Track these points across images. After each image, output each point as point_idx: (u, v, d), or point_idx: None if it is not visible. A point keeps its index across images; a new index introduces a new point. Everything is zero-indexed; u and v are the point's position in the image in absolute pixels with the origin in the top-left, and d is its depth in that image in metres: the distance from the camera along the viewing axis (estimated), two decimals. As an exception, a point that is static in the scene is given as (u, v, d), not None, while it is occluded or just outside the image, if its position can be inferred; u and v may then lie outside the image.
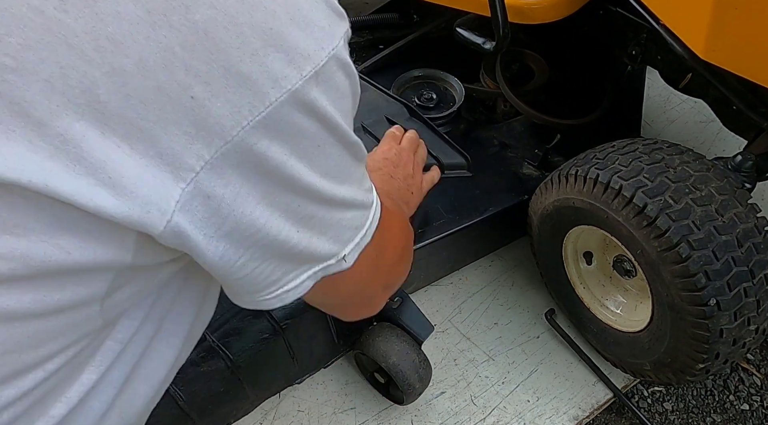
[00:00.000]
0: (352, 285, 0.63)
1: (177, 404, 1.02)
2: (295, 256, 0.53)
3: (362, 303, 0.72)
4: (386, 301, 0.79)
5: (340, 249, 0.56)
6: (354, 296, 0.67)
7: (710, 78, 1.14)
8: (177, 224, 0.45)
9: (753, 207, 1.02)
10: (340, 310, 0.74)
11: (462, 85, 1.46)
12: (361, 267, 0.59)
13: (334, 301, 0.68)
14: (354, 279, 0.61)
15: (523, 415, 1.24)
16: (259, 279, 0.54)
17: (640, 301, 1.20)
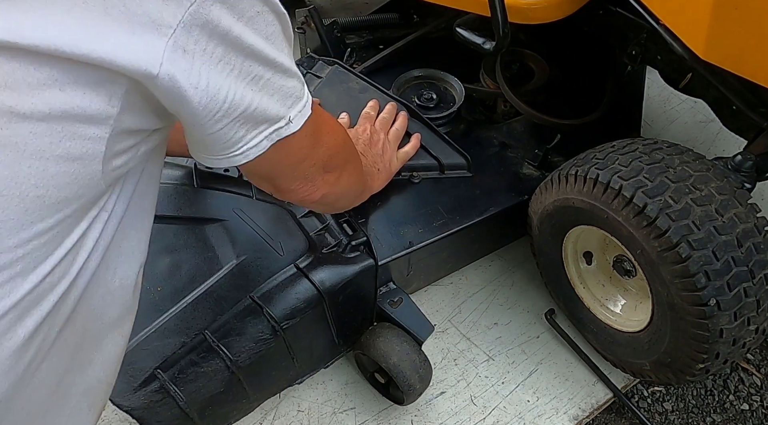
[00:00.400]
0: (296, 152, 0.76)
1: (177, 404, 1.02)
2: (253, 116, 0.65)
3: (304, 178, 0.83)
4: (327, 187, 0.88)
5: (286, 112, 0.69)
6: (297, 166, 0.79)
7: (710, 78, 1.14)
8: (168, 71, 0.56)
9: (753, 207, 1.02)
10: (285, 183, 0.83)
11: (462, 85, 1.46)
12: (303, 139, 0.73)
13: (282, 171, 0.79)
14: (298, 146, 0.75)
15: (523, 415, 1.24)
16: (228, 137, 0.66)
17: (640, 301, 1.20)
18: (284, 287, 1.10)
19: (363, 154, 1.18)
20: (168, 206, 1.19)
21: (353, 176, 0.99)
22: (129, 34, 0.53)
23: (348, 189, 0.98)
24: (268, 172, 0.78)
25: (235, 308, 1.08)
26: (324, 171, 0.86)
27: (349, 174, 0.96)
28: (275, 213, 1.20)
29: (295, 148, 0.74)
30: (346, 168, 0.93)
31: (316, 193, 0.87)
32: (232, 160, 0.70)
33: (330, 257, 1.14)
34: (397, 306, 1.21)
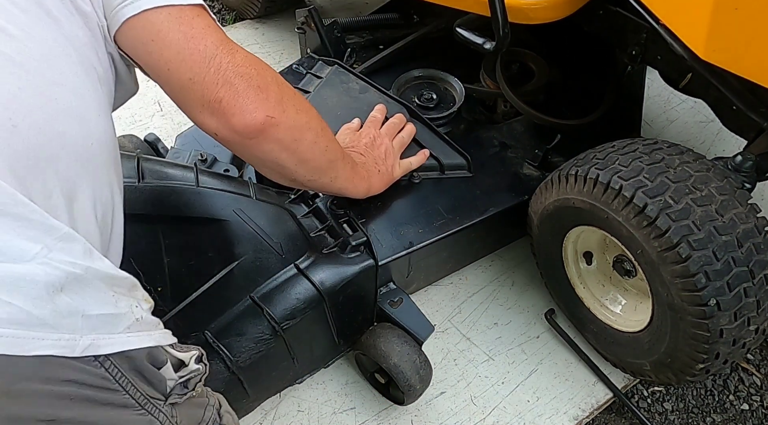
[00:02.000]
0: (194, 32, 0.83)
1: (177, 404, 1.02)
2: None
3: (226, 80, 0.84)
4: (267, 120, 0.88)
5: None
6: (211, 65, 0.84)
7: (710, 78, 1.14)
8: None
9: (753, 207, 1.02)
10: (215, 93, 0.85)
11: (462, 85, 1.46)
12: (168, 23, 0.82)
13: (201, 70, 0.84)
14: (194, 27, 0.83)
15: (523, 415, 1.24)
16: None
17: (640, 301, 1.20)
18: (284, 287, 1.10)
19: (363, 155, 1.18)
20: (168, 206, 1.19)
21: (303, 111, 0.96)
22: None
23: (301, 124, 0.95)
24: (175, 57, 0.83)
25: (236, 308, 1.08)
26: (255, 86, 0.87)
27: (296, 106, 0.94)
28: (275, 214, 1.20)
29: (197, 36, 0.82)
30: (286, 96, 0.92)
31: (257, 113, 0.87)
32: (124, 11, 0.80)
33: (330, 257, 1.14)
34: (397, 306, 1.21)
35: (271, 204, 1.20)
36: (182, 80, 0.84)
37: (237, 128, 0.87)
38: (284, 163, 0.97)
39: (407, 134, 1.31)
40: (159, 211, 1.17)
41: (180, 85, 0.85)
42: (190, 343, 1.04)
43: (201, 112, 0.87)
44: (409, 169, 1.29)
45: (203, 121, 0.88)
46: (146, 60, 0.85)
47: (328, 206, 1.21)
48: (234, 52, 0.86)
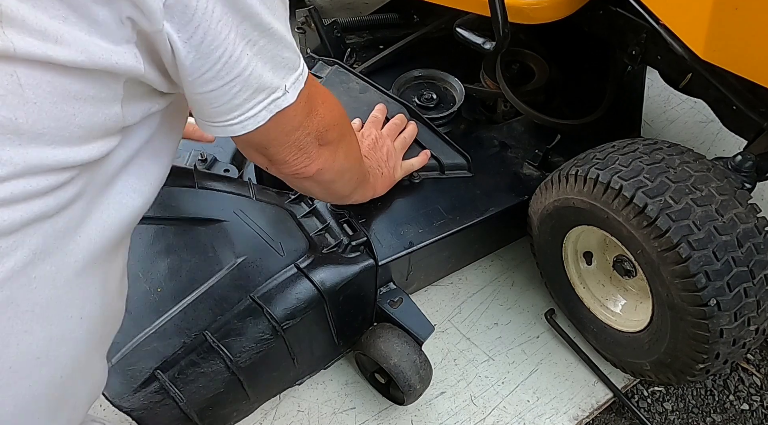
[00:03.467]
0: (291, 119, 0.76)
1: (177, 405, 1.02)
2: (248, 82, 0.66)
3: (298, 148, 0.82)
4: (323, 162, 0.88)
5: (281, 82, 0.70)
6: (291, 134, 0.79)
7: (710, 78, 1.14)
8: (166, 28, 0.58)
9: (753, 207, 1.02)
10: (279, 154, 0.82)
11: (462, 85, 1.46)
12: (298, 107, 0.74)
13: (276, 139, 0.79)
14: (293, 114, 0.75)
15: (523, 415, 1.24)
16: (223, 100, 0.67)
17: (640, 301, 1.20)
18: (284, 287, 1.10)
19: (366, 157, 1.17)
20: (168, 207, 1.19)
21: (350, 155, 0.97)
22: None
23: (344, 168, 0.96)
24: (262, 141, 0.78)
25: (236, 308, 1.08)
26: (319, 143, 0.85)
27: (346, 152, 0.94)
28: (275, 214, 1.20)
29: (290, 116, 0.74)
30: (342, 144, 0.92)
31: (311, 166, 0.86)
32: (229, 129, 0.70)
33: (330, 257, 1.14)
34: (397, 306, 1.21)
35: (271, 204, 1.21)
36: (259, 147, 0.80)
37: (285, 174, 0.88)
38: (314, 192, 1.02)
39: (409, 135, 1.31)
40: (159, 212, 1.17)
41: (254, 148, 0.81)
42: (190, 343, 1.04)
43: (257, 155, 0.83)
44: (411, 170, 1.29)
45: (252, 155, 0.85)
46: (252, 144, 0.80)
47: (328, 206, 1.21)
48: (314, 114, 0.81)
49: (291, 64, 0.71)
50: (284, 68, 0.70)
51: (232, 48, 0.62)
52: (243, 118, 0.69)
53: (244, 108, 0.68)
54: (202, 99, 0.67)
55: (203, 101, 0.67)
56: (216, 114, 0.69)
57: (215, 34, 0.60)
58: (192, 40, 0.60)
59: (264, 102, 0.69)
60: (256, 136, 0.72)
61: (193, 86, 0.64)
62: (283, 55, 0.69)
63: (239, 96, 0.67)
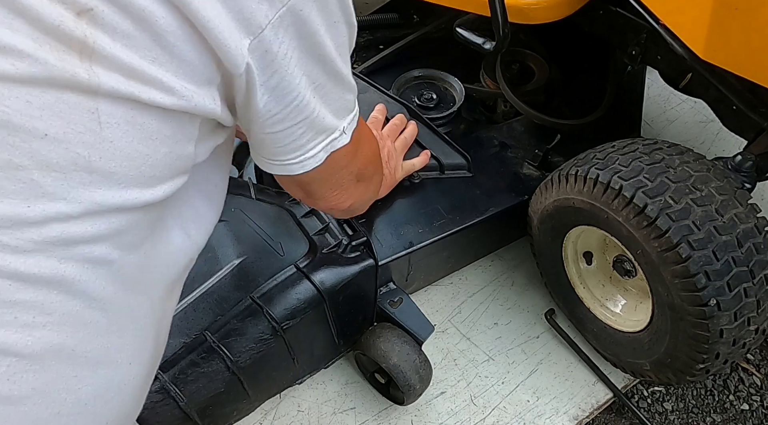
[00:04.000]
0: (342, 161, 0.76)
1: (177, 405, 1.02)
2: (314, 124, 0.67)
3: (339, 186, 0.83)
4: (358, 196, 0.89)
5: (340, 123, 0.70)
6: (336, 174, 0.80)
7: (710, 78, 1.14)
8: (247, 72, 0.57)
9: (753, 207, 1.02)
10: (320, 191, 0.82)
11: (462, 85, 1.46)
12: (348, 150, 0.74)
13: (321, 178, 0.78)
14: (344, 156, 0.75)
15: (523, 415, 1.24)
16: (288, 141, 0.67)
17: (640, 301, 1.20)
18: (284, 287, 1.10)
19: None
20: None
21: (378, 185, 1.00)
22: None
23: (371, 197, 0.99)
24: (309, 179, 0.77)
25: (236, 308, 1.08)
26: (357, 180, 0.86)
27: (376, 183, 0.97)
28: (275, 214, 1.20)
29: (341, 155, 0.74)
30: (374, 177, 0.94)
31: (346, 202, 0.87)
32: (289, 167, 0.71)
33: (330, 257, 1.14)
34: (397, 306, 1.21)
35: (271, 204, 1.21)
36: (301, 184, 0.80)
37: (320, 207, 0.90)
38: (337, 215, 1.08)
39: (409, 135, 1.31)
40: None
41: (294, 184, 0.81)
42: (191, 343, 1.04)
43: (295, 188, 0.83)
44: (412, 171, 1.28)
45: (291, 188, 0.84)
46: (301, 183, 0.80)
47: (328, 206, 1.21)
48: (360, 153, 0.81)
49: (349, 106, 0.72)
50: (344, 110, 0.71)
51: (304, 92, 0.63)
52: (303, 159, 0.70)
53: (305, 148, 0.69)
54: (267, 138, 0.67)
55: (267, 140, 0.67)
56: (278, 153, 0.69)
57: (291, 79, 0.61)
58: (269, 82, 0.60)
59: (323, 142, 0.70)
60: (308, 173, 0.72)
61: (261, 127, 0.65)
62: (345, 98, 0.70)
63: (303, 137, 0.67)
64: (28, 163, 0.51)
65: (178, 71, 0.54)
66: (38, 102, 0.50)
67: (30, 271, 0.52)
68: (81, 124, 0.51)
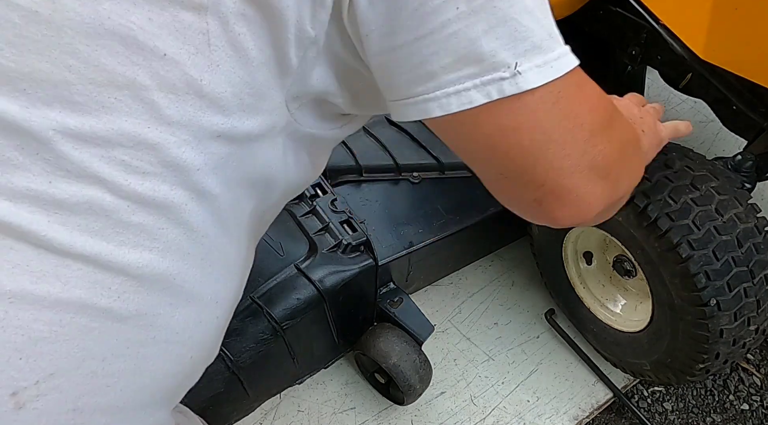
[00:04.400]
0: (534, 127, 0.53)
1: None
2: (455, 47, 0.49)
3: (551, 181, 0.56)
4: (605, 200, 0.60)
5: (512, 58, 0.50)
6: (536, 150, 0.54)
7: (710, 78, 1.14)
8: None
9: (753, 207, 1.02)
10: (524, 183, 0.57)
11: (462, 85, 1.46)
12: (549, 111, 0.53)
13: (516, 154, 0.55)
14: (537, 119, 0.53)
15: (522, 415, 1.24)
16: (412, 62, 0.51)
17: (640, 301, 1.20)
18: (284, 287, 1.10)
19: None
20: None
21: (633, 168, 0.68)
22: None
23: (624, 197, 0.67)
24: (486, 153, 0.57)
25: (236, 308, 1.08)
26: (589, 170, 0.58)
27: (629, 173, 0.67)
28: (275, 214, 1.20)
29: (529, 121, 0.53)
30: (622, 178, 0.64)
31: (584, 209, 0.59)
32: (422, 106, 0.53)
33: (330, 257, 1.14)
34: (397, 306, 1.21)
35: (271, 204, 1.20)
36: (522, 166, 0.56)
37: (557, 221, 0.61)
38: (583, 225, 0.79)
39: (659, 106, 0.95)
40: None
41: (511, 170, 0.57)
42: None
43: (517, 195, 0.60)
44: (676, 135, 0.93)
45: (511, 200, 0.62)
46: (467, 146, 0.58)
47: (328, 206, 1.21)
48: (580, 129, 0.57)
49: (535, 39, 0.51)
50: (526, 40, 0.50)
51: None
52: (441, 94, 0.51)
53: (441, 79, 0.51)
54: (384, 63, 0.53)
55: (386, 67, 0.53)
56: (407, 81, 0.52)
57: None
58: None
59: (476, 78, 0.50)
60: (478, 134, 0.54)
61: (371, 45, 0.52)
62: (522, 22, 0.50)
63: (434, 61, 0.50)
64: (149, 83, 0.50)
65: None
66: (158, 20, 0.49)
67: (146, 194, 0.51)
68: (194, 46, 0.50)
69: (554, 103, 0.53)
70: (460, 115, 0.52)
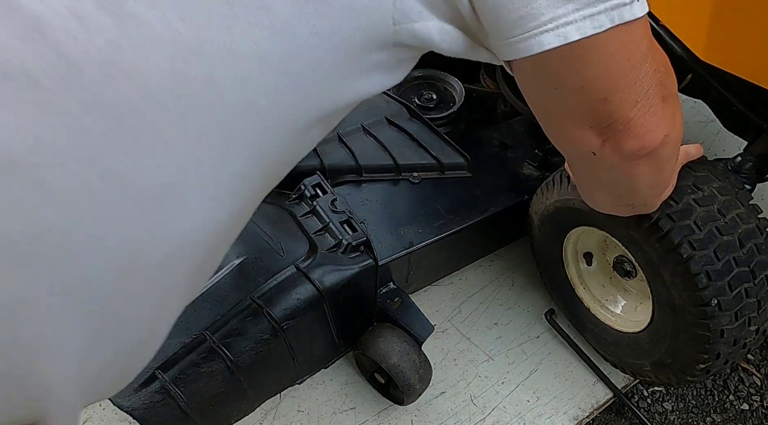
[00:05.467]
0: (639, 46, 0.55)
1: (177, 405, 1.02)
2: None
3: (645, 97, 0.58)
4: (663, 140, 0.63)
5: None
6: (638, 72, 0.56)
7: (710, 79, 1.14)
8: None
9: (754, 207, 1.02)
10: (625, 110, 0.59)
11: (462, 85, 1.46)
12: (641, 34, 0.55)
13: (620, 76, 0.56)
14: (640, 40, 0.55)
15: (522, 415, 1.24)
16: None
17: (641, 302, 1.20)
18: (284, 287, 1.10)
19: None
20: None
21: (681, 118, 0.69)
22: None
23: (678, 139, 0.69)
24: (600, 76, 0.56)
25: (236, 309, 1.08)
26: (662, 96, 0.61)
27: (679, 113, 0.68)
28: (275, 214, 1.20)
29: (636, 38, 0.54)
30: (677, 101, 0.67)
31: (657, 130, 0.61)
32: (539, 39, 0.51)
33: (330, 257, 1.14)
34: (397, 306, 1.21)
35: (271, 204, 1.20)
36: (590, 100, 0.58)
37: (626, 150, 0.63)
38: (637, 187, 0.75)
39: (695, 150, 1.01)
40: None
41: (579, 106, 0.59)
42: (191, 343, 1.04)
43: (582, 130, 0.61)
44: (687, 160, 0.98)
45: (576, 136, 0.62)
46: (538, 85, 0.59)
47: (328, 206, 1.21)
48: (654, 47, 0.59)
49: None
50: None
51: None
52: (554, 25, 0.50)
53: (562, 8, 0.50)
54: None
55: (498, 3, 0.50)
56: (514, 19, 0.50)
57: None
58: None
59: (601, 4, 0.51)
60: (595, 64, 0.53)
61: None
62: None
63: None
64: None
65: None
66: None
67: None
68: None
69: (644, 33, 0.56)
70: (578, 44, 0.52)
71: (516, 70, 0.57)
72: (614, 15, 0.51)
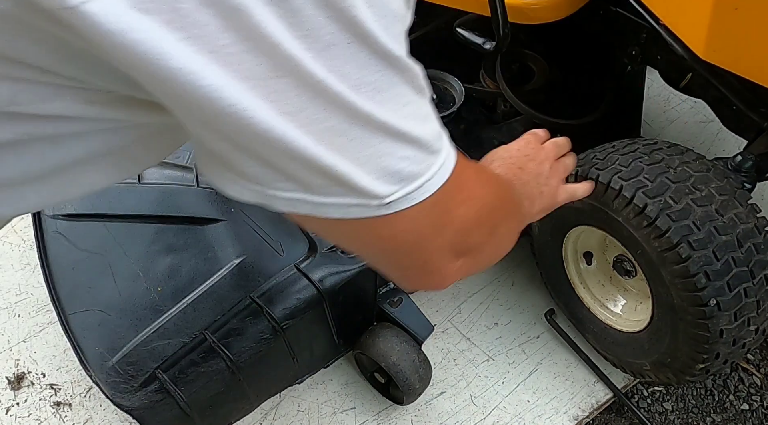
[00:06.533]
0: (400, 236, 0.50)
1: (177, 404, 1.02)
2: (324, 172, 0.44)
3: (419, 267, 0.55)
4: (463, 273, 0.60)
5: (385, 191, 0.45)
6: (404, 255, 0.53)
7: (710, 78, 1.14)
8: None
9: (753, 207, 1.02)
10: (391, 272, 0.59)
11: (462, 85, 1.46)
12: (415, 220, 0.48)
13: (379, 258, 0.55)
14: (402, 229, 0.49)
15: (522, 415, 1.24)
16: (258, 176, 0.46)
17: (640, 301, 1.20)
18: (284, 287, 1.10)
19: (522, 169, 0.84)
20: (168, 206, 1.19)
21: (502, 243, 0.66)
22: None
23: (483, 265, 0.66)
24: (354, 248, 0.55)
25: (236, 308, 1.08)
26: (454, 255, 0.56)
27: (496, 243, 0.64)
28: (275, 214, 1.19)
29: (394, 231, 0.49)
30: (491, 240, 0.62)
31: (444, 280, 0.59)
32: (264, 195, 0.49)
33: (330, 257, 1.14)
34: (397, 306, 1.21)
35: (271, 204, 1.20)
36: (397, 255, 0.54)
37: (415, 287, 0.67)
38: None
39: (571, 162, 0.94)
40: (159, 211, 1.17)
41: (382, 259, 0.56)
42: (190, 343, 1.04)
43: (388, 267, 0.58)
44: (573, 198, 0.91)
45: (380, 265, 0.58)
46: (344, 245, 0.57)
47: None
48: (444, 226, 0.53)
49: (412, 167, 0.46)
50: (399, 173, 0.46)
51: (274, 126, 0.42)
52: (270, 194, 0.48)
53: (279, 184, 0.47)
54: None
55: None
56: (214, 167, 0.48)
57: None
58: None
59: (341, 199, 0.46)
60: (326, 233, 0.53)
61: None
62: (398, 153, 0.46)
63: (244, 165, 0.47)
64: None
65: None
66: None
67: None
68: None
69: (430, 208, 0.49)
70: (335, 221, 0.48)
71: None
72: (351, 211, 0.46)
